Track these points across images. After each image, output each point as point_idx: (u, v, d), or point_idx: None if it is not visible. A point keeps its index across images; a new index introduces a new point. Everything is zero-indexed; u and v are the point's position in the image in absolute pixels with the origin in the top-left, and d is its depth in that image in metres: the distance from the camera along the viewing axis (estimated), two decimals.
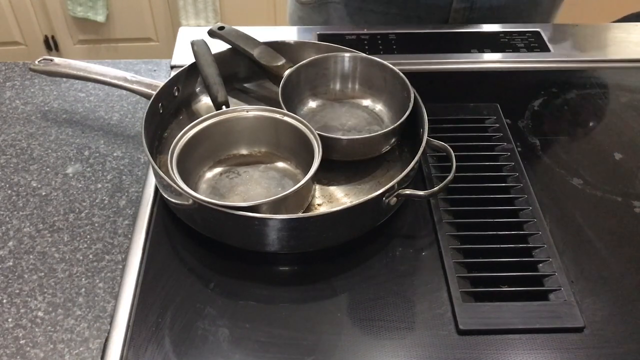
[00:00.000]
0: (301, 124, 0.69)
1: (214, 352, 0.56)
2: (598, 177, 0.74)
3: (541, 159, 0.77)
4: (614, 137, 0.80)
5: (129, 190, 0.74)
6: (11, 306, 0.61)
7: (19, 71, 0.93)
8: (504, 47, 0.94)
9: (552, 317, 0.58)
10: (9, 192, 0.73)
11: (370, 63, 0.79)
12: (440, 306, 0.59)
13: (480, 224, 0.66)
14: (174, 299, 0.60)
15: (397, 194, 0.62)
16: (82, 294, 0.62)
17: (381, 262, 0.64)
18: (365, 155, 0.73)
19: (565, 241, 0.66)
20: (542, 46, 0.95)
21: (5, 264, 0.65)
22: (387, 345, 0.56)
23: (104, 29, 2.09)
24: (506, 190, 0.71)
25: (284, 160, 0.72)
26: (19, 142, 0.80)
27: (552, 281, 0.61)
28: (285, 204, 0.63)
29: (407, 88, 0.73)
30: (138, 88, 0.77)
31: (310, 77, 0.80)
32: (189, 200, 0.60)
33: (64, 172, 0.76)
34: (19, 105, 0.87)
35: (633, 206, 0.71)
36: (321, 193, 0.70)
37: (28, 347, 0.58)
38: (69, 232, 0.69)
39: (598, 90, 0.89)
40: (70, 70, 0.80)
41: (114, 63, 0.93)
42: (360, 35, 0.94)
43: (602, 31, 1.00)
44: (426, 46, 0.94)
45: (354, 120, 0.78)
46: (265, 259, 0.65)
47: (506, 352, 0.56)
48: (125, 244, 0.67)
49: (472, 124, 0.80)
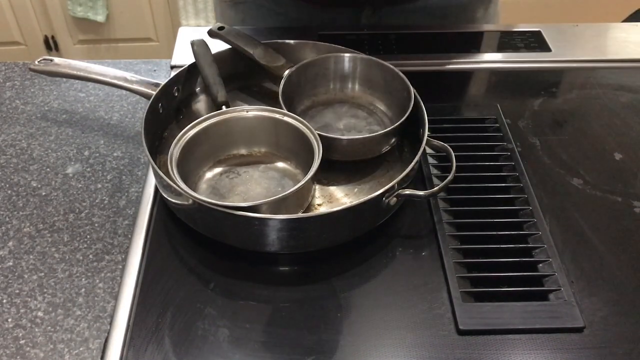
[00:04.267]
0: (301, 124, 0.69)
1: (214, 352, 0.56)
2: (598, 177, 0.74)
3: (541, 159, 0.77)
4: (614, 137, 0.80)
5: (129, 190, 0.74)
6: (11, 306, 0.61)
7: (19, 71, 0.93)
8: (504, 47, 0.94)
9: (552, 317, 0.58)
10: (9, 192, 0.73)
11: (370, 63, 0.79)
12: (440, 306, 0.59)
13: (480, 224, 0.66)
14: (174, 299, 0.60)
15: (397, 194, 0.62)
16: (82, 294, 0.62)
17: (381, 262, 0.64)
18: (365, 155, 0.73)
19: (565, 241, 0.66)
20: (542, 46, 0.95)
21: (5, 264, 0.65)
22: (387, 345, 0.56)
23: (104, 29, 2.09)
24: (506, 190, 0.71)
25: (284, 160, 0.72)
26: (19, 142, 0.80)
27: (552, 281, 0.61)
28: (285, 204, 0.63)
29: (407, 88, 0.73)
30: (138, 88, 0.77)
31: (310, 77, 0.80)
32: (189, 200, 0.60)
33: (64, 172, 0.76)
34: (19, 105, 0.87)
35: (633, 206, 0.71)
36: (321, 193, 0.70)
37: (28, 347, 0.58)
38: (69, 232, 0.68)
39: (598, 90, 0.89)
40: (70, 70, 0.80)
41: (114, 63, 0.93)
42: (360, 35, 0.94)
43: (602, 31, 1.00)
44: (426, 46, 0.94)
45: (354, 120, 0.78)
46: (265, 259, 0.65)
47: (506, 352, 0.56)
48: (125, 244, 0.67)
49: (472, 124, 0.80)
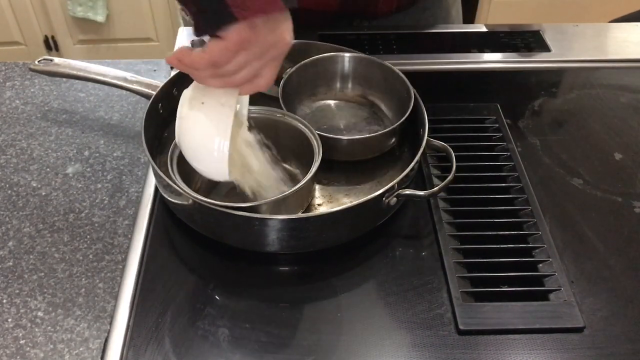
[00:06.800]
0: (301, 124, 0.69)
1: (214, 352, 0.56)
2: (598, 177, 0.74)
3: (541, 159, 0.77)
4: (614, 137, 0.80)
5: (129, 190, 0.74)
6: (11, 306, 0.61)
7: (19, 71, 0.93)
8: (504, 47, 0.94)
9: (552, 317, 0.58)
10: (9, 192, 0.73)
11: (370, 63, 0.79)
12: (440, 306, 0.59)
13: (480, 224, 0.66)
14: (174, 299, 0.60)
15: (397, 194, 0.62)
16: (82, 294, 0.62)
17: (381, 262, 0.64)
18: (365, 155, 0.73)
19: (565, 241, 0.66)
20: (542, 46, 0.95)
21: (5, 264, 0.65)
22: (387, 345, 0.56)
23: (104, 29, 2.08)
24: (506, 190, 0.71)
25: (284, 160, 0.72)
26: (19, 142, 0.80)
27: (552, 281, 0.61)
28: (285, 204, 0.63)
29: (407, 88, 0.73)
30: (138, 88, 0.77)
31: (310, 77, 0.80)
32: (189, 200, 0.60)
33: (64, 172, 0.76)
34: (19, 105, 0.87)
35: (633, 206, 0.71)
36: (321, 193, 0.70)
37: (28, 347, 0.58)
38: (69, 232, 0.68)
39: (598, 90, 0.89)
40: (70, 70, 0.80)
41: (114, 63, 0.93)
42: (360, 35, 0.94)
43: (602, 31, 1.00)
44: (426, 46, 0.94)
45: (354, 120, 0.78)
46: (265, 259, 0.65)
47: (506, 352, 0.56)
48: (125, 244, 0.67)
49: (472, 124, 0.80)
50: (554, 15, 2.00)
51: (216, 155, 0.56)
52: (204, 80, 0.55)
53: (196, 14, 0.52)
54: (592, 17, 1.99)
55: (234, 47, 0.51)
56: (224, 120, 0.55)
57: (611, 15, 1.24)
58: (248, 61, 0.53)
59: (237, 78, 0.54)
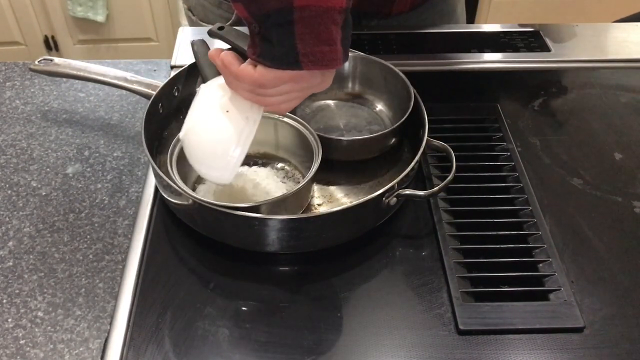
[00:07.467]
0: (301, 125, 0.69)
1: (214, 352, 0.56)
2: (598, 177, 0.74)
3: (541, 159, 0.77)
4: (614, 137, 0.80)
5: (129, 190, 0.74)
6: (11, 306, 0.61)
7: (19, 71, 0.93)
8: (504, 47, 0.94)
9: (552, 317, 0.58)
10: (9, 192, 0.73)
11: (371, 63, 0.79)
12: (440, 306, 0.59)
13: (480, 224, 0.66)
14: (174, 299, 0.60)
15: (397, 194, 0.62)
16: (82, 294, 0.62)
17: (381, 262, 0.64)
18: (365, 155, 0.73)
19: (565, 241, 0.66)
20: (542, 46, 0.95)
21: (5, 264, 0.65)
22: (387, 345, 0.56)
23: (104, 29, 2.08)
24: (506, 190, 0.71)
25: (283, 160, 0.72)
26: (19, 142, 0.80)
27: (552, 281, 0.61)
28: (285, 204, 0.63)
29: (407, 88, 0.73)
30: (138, 88, 0.77)
31: None
32: (189, 200, 0.60)
33: (64, 172, 0.76)
34: (19, 105, 0.87)
35: (633, 206, 0.71)
36: (321, 193, 0.70)
37: (28, 347, 0.58)
38: (69, 232, 0.68)
39: (598, 90, 0.89)
40: (70, 70, 0.80)
41: (114, 63, 0.93)
42: (361, 35, 0.94)
43: (602, 31, 1.00)
44: (426, 46, 0.94)
45: (354, 120, 0.78)
46: (265, 259, 0.65)
47: (506, 352, 0.56)
48: (125, 244, 0.67)
49: (472, 124, 0.80)
50: (554, 15, 2.01)
51: (229, 163, 0.57)
52: (238, 89, 0.56)
53: (257, 36, 0.51)
54: (592, 18, 1.99)
55: (286, 80, 0.52)
56: (246, 134, 0.56)
57: (611, 15, 1.24)
58: (290, 92, 0.54)
59: (271, 100, 0.55)
